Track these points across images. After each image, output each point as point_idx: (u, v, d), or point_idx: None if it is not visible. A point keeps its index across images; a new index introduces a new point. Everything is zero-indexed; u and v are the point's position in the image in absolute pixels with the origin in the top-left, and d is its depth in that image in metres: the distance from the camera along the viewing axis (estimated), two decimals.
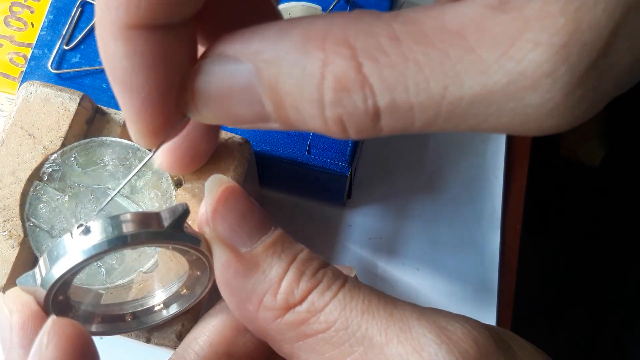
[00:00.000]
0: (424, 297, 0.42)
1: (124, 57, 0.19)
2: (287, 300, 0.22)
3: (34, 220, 0.30)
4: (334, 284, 0.23)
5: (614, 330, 0.88)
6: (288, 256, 0.23)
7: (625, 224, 0.94)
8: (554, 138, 0.97)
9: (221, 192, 0.23)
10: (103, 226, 0.22)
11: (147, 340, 0.29)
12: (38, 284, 0.23)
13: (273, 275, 0.23)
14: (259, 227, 0.23)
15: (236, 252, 0.23)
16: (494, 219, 0.43)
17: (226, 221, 0.23)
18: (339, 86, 0.18)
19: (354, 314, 0.22)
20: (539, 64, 0.17)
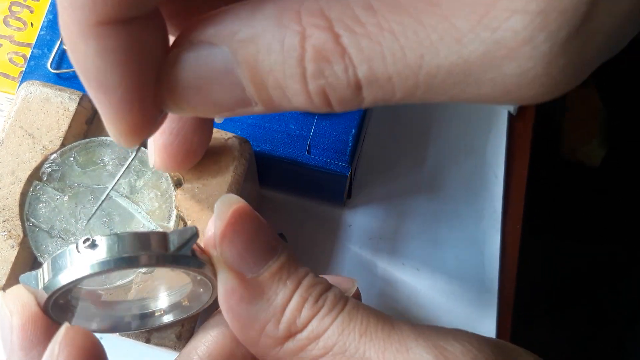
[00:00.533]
0: (424, 297, 0.42)
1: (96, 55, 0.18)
2: (289, 329, 0.23)
3: (34, 220, 0.30)
4: (334, 309, 0.23)
5: (614, 330, 0.88)
6: (293, 282, 0.23)
7: (626, 224, 0.94)
8: (554, 138, 0.97)
9: (231, 215, 0.23)
10: (110, 244, 0.22)
11: (147, 340, 0.29)
12: (40, 287, 0.23)
13: (277, 304, 0.23)
14: (267, 251, 0.23)
15: (242, 278, 0.23)
16: (494, 219, 0.43)
17: (234, 246, 0.23)
18: (319, 57, 0.18)
19: (352, 337, 0.22)
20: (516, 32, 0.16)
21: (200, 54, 0.19)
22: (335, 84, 0.18)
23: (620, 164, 0.95)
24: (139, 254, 0.22)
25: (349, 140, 0.38)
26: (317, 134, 0.38)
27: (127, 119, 0.20)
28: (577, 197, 0.96)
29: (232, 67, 0.19)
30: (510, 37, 0.16)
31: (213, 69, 0.19)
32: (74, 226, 0.30)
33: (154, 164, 0.28)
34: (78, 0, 0.17)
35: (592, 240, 0.95)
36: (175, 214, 0.30)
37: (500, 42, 0.16)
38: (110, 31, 0.18)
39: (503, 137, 0.45)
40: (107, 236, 0.22)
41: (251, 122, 0.38)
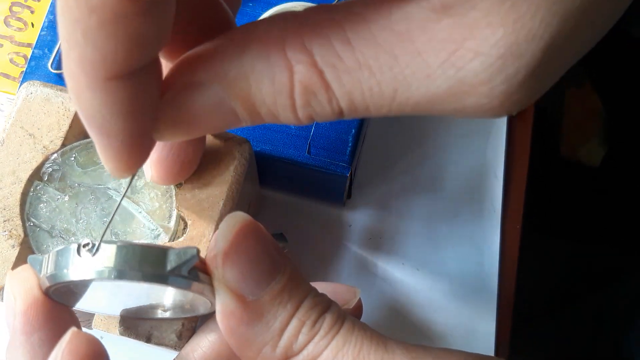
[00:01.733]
0: (424, 297, 0.42)
1: (102, 106, 0.19)
2: (285, 353, 0.23)
3: (34, 220, 0.30)
4: (330, 332, 0.23)
5: (614, 330, 0.88)
6: (292, 305, 0.23)
7: (626, 223, 0.94)
8: (554, 138, 0.97)
9: (235, 235, 0.23)
10: (109, 254, 0.22)
11: (147, 340, 0.29)
12: (42, 274, 0.23)
13: (276, 327, 0.23)
14: (270, 271, 0.23)
15: (242, 301, 0.23)
16: (494, 219, 0.43)
17: (237, 268, 0.23)
18: (307, 91, 0.20)
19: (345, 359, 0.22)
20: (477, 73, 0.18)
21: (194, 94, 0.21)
22: (321, 111, 0.20)
23: (619, 164, 0.96)
24: (135, 269, 0.22)
25: (349, 140, 0.38)
26: (317, 134, 0.38)
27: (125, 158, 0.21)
28: (576, 197, 0.96)
29: (225, 99, 0.21)
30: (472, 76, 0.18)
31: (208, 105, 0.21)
32: (75, 226, 0.30)
33: (150, 178, 0.28)
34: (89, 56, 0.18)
35: (592, 240, 0.95)
36: (176, 214, 0.30)
37: (463, 80, 0.18)
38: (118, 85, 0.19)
39: (503, 137, 0.45)
40: (108, 244, 0.22)
41: None
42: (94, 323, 0.29)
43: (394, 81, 0.19)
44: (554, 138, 0.97)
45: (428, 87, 0.19)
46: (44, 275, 0.23)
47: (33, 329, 0.24)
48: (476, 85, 0.18)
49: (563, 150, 0.97)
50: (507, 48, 0.17)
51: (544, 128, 0.96)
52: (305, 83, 0.20)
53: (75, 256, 0.22)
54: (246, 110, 0.21)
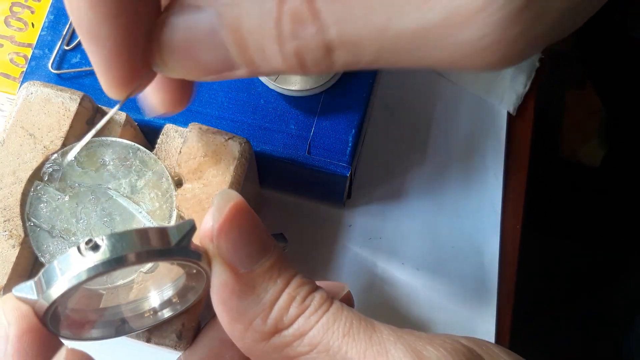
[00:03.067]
0: (424, 297, 0.42)
1: (88, 9, 0.20)
2: (276, 325, 0.23)
3: (35, 220, 0.30)
4: (320, 308, 0.23)
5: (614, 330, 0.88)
6: (282, 280, 0.24)
7: (626, 223, 0.94)
8: (554, 138, 0.97)
9: (229, 210, 0.23)
10: (112, 243, 0.22)
11: (147, 340, 0.29)
12: (37, 296, 0.23)
13: (266, 300, 0.23)
14: (261, 247, 0.24)
15: (235, 272, 0.23)
16: (493, 219, 0.43)
17: (230, 241, 0.23)
18: (295, 19, 0.19)
19: (336, 336, 0.23)
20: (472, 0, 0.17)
21: (188, 17, 0.20)
22: (309, 45, 0.19)
23: (619, 164, 0.96)
24: (141, 250, 0.22)
25: (349, 140, 0.38)
26: (317, 134, 0.38)
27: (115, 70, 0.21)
28: (576, 197, 0.96)
29: (217, 29, 0.20)
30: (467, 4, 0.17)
31: (199, 31, 0.20)
32: (75, 226, 0.30)
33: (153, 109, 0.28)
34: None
35: (591, 240, 0.95)
36: (176, 214, 0.30)
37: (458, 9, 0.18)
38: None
39: (503, 137, 0.45)
40: (108, 236, 0.22)
41: (251, 123, 0.38)
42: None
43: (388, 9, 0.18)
44: (554, 138, 0.97)
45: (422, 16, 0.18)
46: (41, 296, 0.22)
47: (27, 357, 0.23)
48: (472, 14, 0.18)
49: (563, 150, 0.97)
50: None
51: (544, 128, 0.96)
52: (294, 11, 0.19)
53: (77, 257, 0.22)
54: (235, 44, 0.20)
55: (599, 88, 0.95)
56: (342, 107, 0.38)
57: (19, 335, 0.23)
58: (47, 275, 0.22)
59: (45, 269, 0.22)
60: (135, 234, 0.22)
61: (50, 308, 0.23)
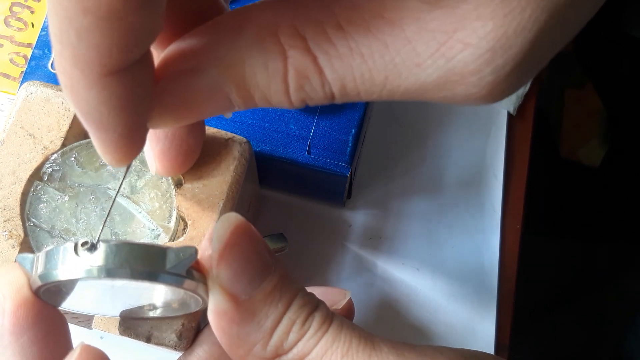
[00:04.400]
0: (424, 297, 0.42)
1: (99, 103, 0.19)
2: (276, 351, 0.23)
3: (35, 220, 0.30)
4: (319, 330, 0.23)
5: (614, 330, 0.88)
6: (284, 304, 0.23)
7: (626, 224, 0.94)
8: (554, 138, 0.97)
9: (230, 235, 0.23)
10: (107, 252, 0.22)
11: (147, 340, 0.29)
12: (33, 273, 0.23)
13: (267, 326, 0.23)
14: (262, 270, 0.23)
15: (235, 301, 0.23)
16: (493, 219, 0.43)
17: (231, 268, 0.23)
18: (300, 76, 0.20)
19: (335, 357, 0.23)
20: (467, 63, 0.19)
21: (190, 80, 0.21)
22: (314, 95, 0.21)
23: (620, 164, 0.96)
24: (133, 268, 0.22)
25: (349, 140, 0.38)
26: (317, 134, 0.38)
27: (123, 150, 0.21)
28: (576, 197, 0.96)
29: (220, 84, 0.21)
30: (462, 67, 0.19)
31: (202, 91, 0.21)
32: (75, 226, 0.30)
33: (156, 171, 0.28)
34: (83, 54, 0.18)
35: (591, 240, 0.95)
36: (176, 214, 0.30)
37: (453, 70, 0.19)
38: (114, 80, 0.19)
39: (503, 137, 0.45)
40: (106, 243, 0.22)
41: (251, 123, 0.38)
42: (94, 323, 0.29)
43: (385, 68, 0.19)
44: (554, 138, 0.97)
45: (418, 76, 0.19)
46: (36, 275, 0.23)
47: (23, 329, 0.23)
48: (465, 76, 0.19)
49: (563, 150, 0.97)
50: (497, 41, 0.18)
51: (544, 128, 0.96)
52: (298, 68, 0.20)
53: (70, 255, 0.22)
54: (240, 95, 0.21)
55: (599, 88, 0.95)
56: (342, 107, 0.38)
57: (15, 308, 0.23)
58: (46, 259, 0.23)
59: (46, 251, 0.23)
60: (132, 249, 0.22)
61: (40, 288, 0.23)
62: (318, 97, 0.21)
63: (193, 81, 0.21)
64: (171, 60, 0.21)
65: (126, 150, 0.21)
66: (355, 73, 0.20)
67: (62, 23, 0.17)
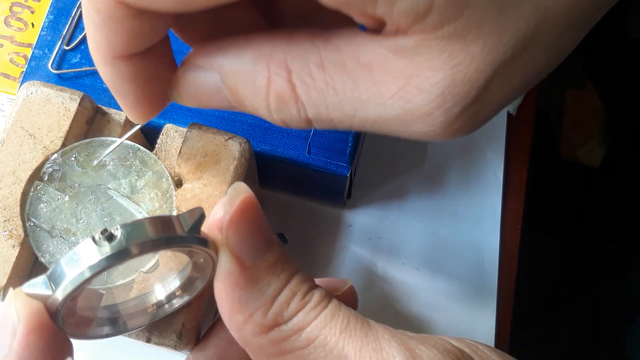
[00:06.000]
0: (424, 297, 0.42)
1: (112, 75, 0.25)
2: (275, 319, 0.24)
3: (35, 220, 0.30)
4: (319, 305, 0.24)
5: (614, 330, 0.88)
6: (285, 276, 0.25)
7: (625, 224, 0.94)
8: (554, 138, 0.97)
9: (240, 202, 0.24)
10: (127, 231, 0.22)
11: (147, 340, 0.29)
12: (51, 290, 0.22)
13: (268, 294, 0.24)
14: (266, 242, 0.25)
15: (241, 264, 0.24)
16: (494, 219, 0.43)
17: (239, 233, 0.24)
18: (279, 99, 0.24)
19: (333, 332, 0.24)
20: (420, 106, 0.22)
21: (197, 75, 0.25)
22: (291, 117, 0.24)
23: (620, 164, 0.96)
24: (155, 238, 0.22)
25: (349, 140, 0.38)
26: (317, 134, 0.38)
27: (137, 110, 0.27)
28: (576, 197, 0.96)
29: (220, 86, 0.25)
30: (417, 109, 0.22)
31: (206, 86, 0.25)
32: (75, 226, 0.30)
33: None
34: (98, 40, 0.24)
35: (591, 240, 0.95)
36: (176, 214, 0.30)
37: (410, 111, 0.22)
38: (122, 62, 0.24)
39: (503, 136, 0.45)
40: (122, 225, 0.22)
41: (251, 122, 0.38)
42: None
43: (354, 102, 0.23)
44: (554, 138, 0.97)
45: (381, 112, 0.23)
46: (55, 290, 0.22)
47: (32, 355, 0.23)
48: (420, 116, 0.22)
49: (563, 150, 0.97)
50: (445, 88, 0.21)
51: (544, 128, 0.96)
52: (278, 92, 0.23)
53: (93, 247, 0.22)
54: (234, 100, 0.25)
55: (599, 88, 0.95)
56: None
57: (28, 332, 0.23)
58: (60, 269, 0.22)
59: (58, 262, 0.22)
60: (148, 222, 0.23)
61: (64, 301, 0.23)
62: (295, 120, 0.24)
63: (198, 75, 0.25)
64: (191, 56, 0.25)
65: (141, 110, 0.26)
66: (328, 103, 0.23)
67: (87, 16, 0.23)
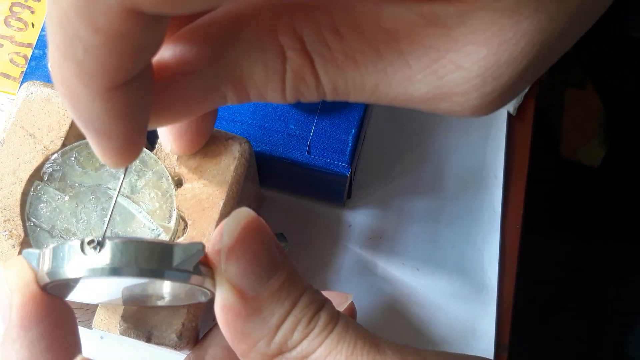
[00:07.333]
0: (424, 297, 0.42)
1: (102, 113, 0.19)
2: (280, 348, 0.23)
3: (35, 220, 0.30)
4: (324, 330, 0.23)
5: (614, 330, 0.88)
6: (290, 302, 0.23)
7: (626, 224, 0.94)
8: (554, 138, 0.97)
9: (241, 231, 0.23)
10: (114, 250, 0.22)
11: (147, 340, 0.29)
12: (39, 269, 0.23)
13: (272, 324, 0.23)
14: (270, 268, 0.23)
15: (242, 296, 0.23)
16: (494, 219, 0.43)
17: (240, 264, 0.23)
18: (297, 77, 0.21)
19: (338, 357, 0.23)
20: (456, 85, 0.19)
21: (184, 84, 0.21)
22: (307, 94, 0.22)
23: (620, 164, 0.96)
24: (140, 266, 0.22)
25: (349, 140, 0.38)
26: (317, 134, 0.38)
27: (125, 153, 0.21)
28: (576, 197, 0.96)
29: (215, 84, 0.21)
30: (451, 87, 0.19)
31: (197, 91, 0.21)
32: (75, 226, 0.30)
33: (171, 151, 0.29)
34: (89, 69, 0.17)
35: (591, 240, 0.95)
36: (176, 214, 0.30)
37: (442, 88, 0.20)
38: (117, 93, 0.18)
39: (502, 136, 0.45)
40: (112, 241, 0.22)
41: (251, 123, 0.38)
42: (94, 323, 0.29)
43: (376, 77, 0.20)
44: (554, 138, 0.97)
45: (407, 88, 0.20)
46: (43, 272, 0.23)
47: (31, 323, 0.23)
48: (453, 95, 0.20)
49: (563, 150, 0.97)
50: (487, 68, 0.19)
51: (544, 128, 0.96)
52: (296, 70, 0.21)
53: (77, 253, 0.22)
54: (235, 93, 0.22)
55: (599, 88, 0.95)
56: (342, 107, 0.38)
57: (23, 303, 0.23)
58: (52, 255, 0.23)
59: (52, 249, 0.23)
60: (138, 246, 0.22)
61: (47, 284, 0.23)
62: (311, 96, 0.22)
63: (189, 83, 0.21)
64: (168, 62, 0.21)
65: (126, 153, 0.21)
66: (348, 78, 0.21)
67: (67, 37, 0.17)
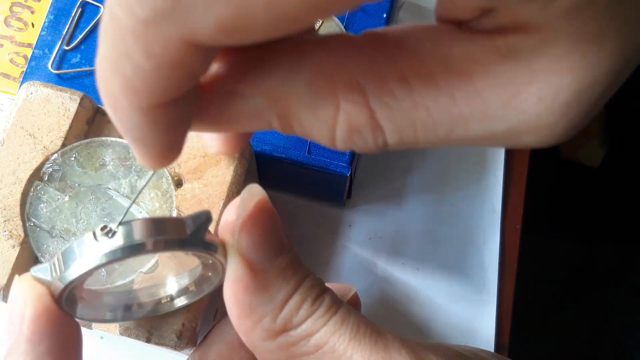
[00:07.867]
0: (424, 297, 0.42)
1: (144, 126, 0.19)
2: (284, 325, 0.24)
3: (35, 220, 0.30)
4: (328, 311, 0.24)
5: (614, 330, 0.88)
6: (295, 281, 0.24)
7: (626, 223, 0.94)
8: None
9: (255, 206, 0.24)
10: (127, 230, 0.22)
11: (147, 340, 0.29)
12: (53, 278, 0.23)
13: (278, 299, 0.24)
14: (278, 247, 0.24)
15: (251, 269, 0.24)
16: (494, 219, 0.43)
17: (251, 237, 0.24)
18: (351, 129, 0.19)
19: (342, 339, 0.23)
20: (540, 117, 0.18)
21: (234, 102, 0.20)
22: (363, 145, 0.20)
23: (620, 164, 0.96)
24: (155, 240, 0.22)
25: None
26: None
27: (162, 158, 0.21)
28: (576, 197, 0.96)
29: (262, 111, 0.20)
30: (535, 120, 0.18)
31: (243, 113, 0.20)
32: (75, 226, 0.30)
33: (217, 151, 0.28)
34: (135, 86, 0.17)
35: (591, 240, 0.95)
36: (176, 214, 0.30)
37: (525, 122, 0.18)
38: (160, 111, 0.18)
39: None
40: (124, 223, 0.22)
41: None
42: (94, 323, 0.29)
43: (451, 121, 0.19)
44: None
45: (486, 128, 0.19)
46: (57, 277, 0.23)
47: (41, 339, 0.23)
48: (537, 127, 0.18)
49: (563, 150, 0.97)
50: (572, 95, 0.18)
51: None
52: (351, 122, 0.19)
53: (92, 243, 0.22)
54: (281, 125, 0.20)
55: None
56: None
57: (35, 316, 0.23)
58: (64, 258, 0.23)
59: (62, 251, 0.23)
60: (151, 222, 0.22)
61: (65, 290, 0.23)
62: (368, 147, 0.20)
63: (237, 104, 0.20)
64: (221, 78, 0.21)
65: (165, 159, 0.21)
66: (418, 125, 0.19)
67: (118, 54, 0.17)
